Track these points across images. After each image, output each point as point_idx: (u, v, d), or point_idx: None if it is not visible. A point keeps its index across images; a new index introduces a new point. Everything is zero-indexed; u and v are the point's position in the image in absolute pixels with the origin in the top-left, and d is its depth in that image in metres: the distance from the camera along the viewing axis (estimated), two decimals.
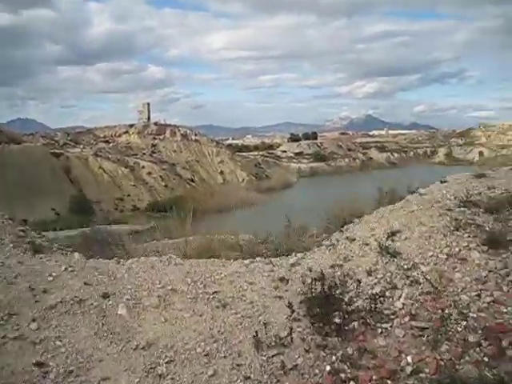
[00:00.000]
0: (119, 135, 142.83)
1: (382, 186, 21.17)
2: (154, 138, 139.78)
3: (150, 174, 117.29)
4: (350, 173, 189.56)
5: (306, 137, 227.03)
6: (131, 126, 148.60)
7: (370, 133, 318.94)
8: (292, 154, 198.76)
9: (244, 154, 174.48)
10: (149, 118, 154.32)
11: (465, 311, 8.18)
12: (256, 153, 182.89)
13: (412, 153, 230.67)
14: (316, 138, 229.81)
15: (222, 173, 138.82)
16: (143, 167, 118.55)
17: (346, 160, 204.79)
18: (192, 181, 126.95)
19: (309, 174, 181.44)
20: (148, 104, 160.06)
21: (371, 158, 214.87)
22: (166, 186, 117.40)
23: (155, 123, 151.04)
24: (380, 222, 11.94)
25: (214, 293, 9.94)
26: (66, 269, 10.59)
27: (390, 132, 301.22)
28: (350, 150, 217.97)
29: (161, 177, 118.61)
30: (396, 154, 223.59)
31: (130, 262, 11.61)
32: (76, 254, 12.40)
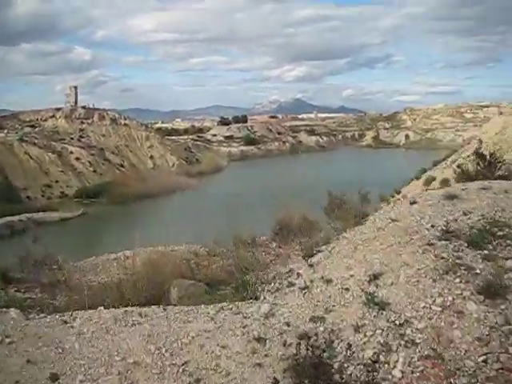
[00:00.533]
0: (45, 119, 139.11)
1: (329, 189, 20.20)
2: (82, 123, 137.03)
3: (78, 159, 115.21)
4: (280, 156, 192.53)
5: (236, 120, 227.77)
6: (58, 109, 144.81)
7: (300, 116, 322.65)
8: (222, 138, 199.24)
9: (174, 137, 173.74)
10: (76, 102, 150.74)
11: (473, 381, 7.27)
12: (186, 137, 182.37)
13: (341, 136, 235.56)
14: (246, 122, 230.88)
15: (151, 157, 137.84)
16: (71, 152, 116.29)
17: (276, 143, 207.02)
18: (121, 166, 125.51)
19: (239, 157, 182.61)
20: (75, 87, 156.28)
21: (301, 142, 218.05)
22: (94, 171, 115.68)
23: (83, 107, 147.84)
24: (355, 258, 10.50)
25: (183, 364, 8.51)
26: (1, 341, 8.81)
27: (319, 115, 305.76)
28: (279, 133, 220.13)
29: (89, 162, 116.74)
30: (325, 138, 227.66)
31: (80, 324, 9.71)
32: (12, 312, 10.08)
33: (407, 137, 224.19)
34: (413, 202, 12.80)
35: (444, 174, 41.62)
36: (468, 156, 41.46)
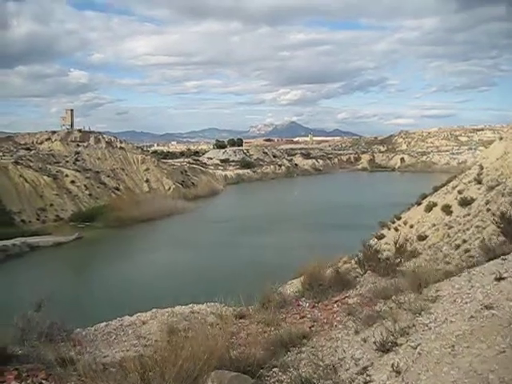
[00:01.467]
0: (41, 142, 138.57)
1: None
2: (78, 146, 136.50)
3: (73, 182, 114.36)
4: (276, 179, 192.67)
5: (232, 143, 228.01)
6: (54, 132, 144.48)
7: (295, 139, 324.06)
8: (218, 161, 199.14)
9: (169, 160, 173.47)
10: (72, 125, 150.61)
11: None
12: (182, 159, 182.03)
13: (336, 159, 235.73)
14: (241, 145, 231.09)
15: (147, 181, 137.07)
16: (66, 176, 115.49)
17: (272, 167, 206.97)
18: (117, 189, 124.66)
19: (235, 180, 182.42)
20: (71, 110, 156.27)
21: (296, 165, 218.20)
22: (90, 194, 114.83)
23: (79, 130, 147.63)
24: (459, 366, 6.95)
25: None
26: None
27: (315, 139, 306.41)
28: (275, 156, 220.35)
29: (85, 185, 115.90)
30: (321, 161, 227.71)
31: None
32: None
33: (402, 160, 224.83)
34: (499, 278, 8.75)
35: (445, 199, 41.21)
36: (469, 182, 41.10)
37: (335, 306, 8.46)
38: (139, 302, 44.85)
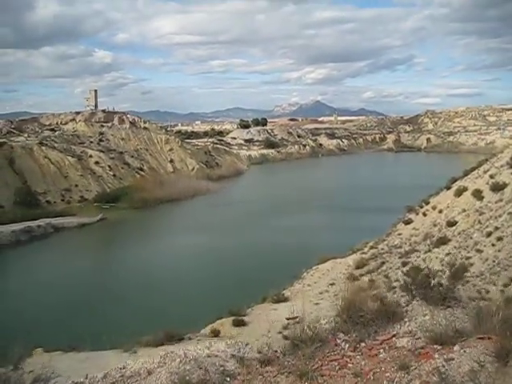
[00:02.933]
0: (65, 123, 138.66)
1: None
2: (102, 126, 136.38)
3: (97, 163, 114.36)
4: (300, 159, 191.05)
5: (256, 123, 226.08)
6: (78, 113, 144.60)
7: (319, 119, 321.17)
8: (242, 141, 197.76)
9: (193, 140, 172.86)
10: (96, 105, 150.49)
11: None
12: (206, 140, 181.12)
13: (361, 139, 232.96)
14: (266, 124, 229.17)
15: (171, 161, 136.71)
16: (91, 156, 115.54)
17: (296, 147, 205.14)
18: (141, 170, 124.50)
19: (259, 161, 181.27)
20: (95, 91, 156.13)
21: (321, 145, 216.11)
22: (114, 175, 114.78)
23: (103, 110, 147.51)
24: None
25: None
26: None
27: (339, 118, 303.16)
28: (299, 136, 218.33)
29: (109, 166, 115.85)
30: (346, 141, 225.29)
31: None
32: None
33: (429, 140, 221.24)
34: None
35: (476, 184, 39.80)
36: (501, 166, 39.68)
37: (381, 350, 6.85)
38: (161, 287, 44.17)
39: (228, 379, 7.19)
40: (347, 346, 7.15)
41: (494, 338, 5.96)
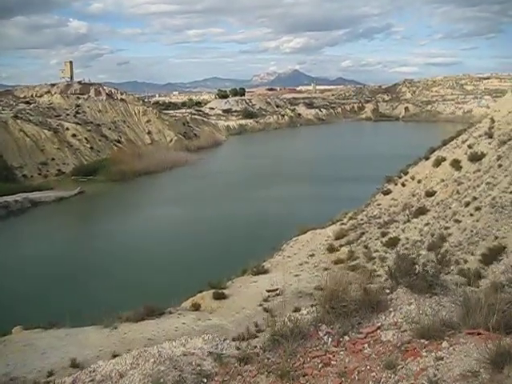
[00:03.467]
0: (41, 95, 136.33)
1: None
2: (78, 98, 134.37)
3: (74, 136, 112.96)
4: (279, 129, 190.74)
5: (234, 93, 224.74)
6: (53, 85, 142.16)
7: (298, 88, 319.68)
8: (220, 112, 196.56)
9: (171, 111, 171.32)
10: (72, 77, 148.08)
11: None
12: (184, 110, 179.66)
13: (340, 109, 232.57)
14: (244, 95, 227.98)
15: (149, 133, 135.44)
16: (67, 129, 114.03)
17: (275, 117, 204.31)
18: (119, 142, 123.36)
19: (238, 131, 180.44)
20: (70, 62, 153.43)
21: (300, 115, 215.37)
22: (91, 148, 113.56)
23: (79, 82, 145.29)
24: None
25: None
26: None
27: (317, 87, 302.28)
28: (278, 106, 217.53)
29: (86, 139, 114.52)
30: (324, 110, 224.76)
31: None
32: None
33: (407, 109, 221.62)
34: None
35: (454, 154, 39.95)
36: (479, 136, 39.84)
37: (366, 345, 6.44)
38: (142, 260, 44.08)
39: (205, 380, 6.76)
40: (330, 339, 6.69)
41: (484, 334, 5.64)
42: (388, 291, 7.57)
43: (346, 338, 6.69)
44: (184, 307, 24.88)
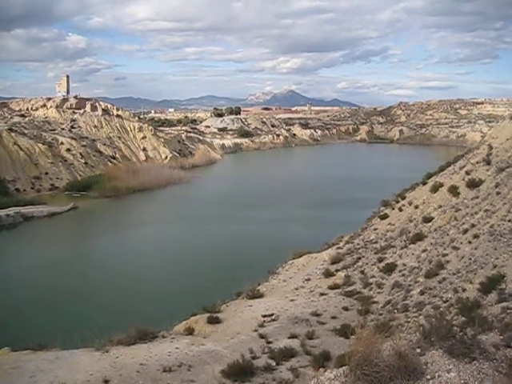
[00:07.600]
0: (36, 109, 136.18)
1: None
2: (74, 113, 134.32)
3: (69, 150, 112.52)
4: (274, 149, 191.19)
5: (230, 111, 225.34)
6: (49, 99, 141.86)
7: (293, 108, 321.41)
8: (216, 130, 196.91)
9: (167, 128, 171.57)
10: (68, 91, 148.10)
11: None
12: (179, 128, 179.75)
13: (335, 130, 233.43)
14: (239, 113, 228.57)
15: (144, 149, 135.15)
16: (62, 143, 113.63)
17: (270, 136, 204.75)
18: (113, 158, 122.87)
19: (233, 150, 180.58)
20: (67, 76, 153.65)
21: (295, 135, 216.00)
22: (86, 163, 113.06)
23: (75, 97, 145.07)
24: None
25: None
26: None
27: (313, 108, 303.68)
28: (273, 126, 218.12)
29: (81, 154, 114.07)
30: (319, 131, 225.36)
31: None
32: None
33: (401, 132, 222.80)
34: None
35: (452, 180, 39.82)
36: (477, 162, 39.73)
37: None
38: (134, 282, 43.40)
39: None
40: None
41: None
42: (419, 350, 6.68)
43: None
44: (177, 331, 24.35)
